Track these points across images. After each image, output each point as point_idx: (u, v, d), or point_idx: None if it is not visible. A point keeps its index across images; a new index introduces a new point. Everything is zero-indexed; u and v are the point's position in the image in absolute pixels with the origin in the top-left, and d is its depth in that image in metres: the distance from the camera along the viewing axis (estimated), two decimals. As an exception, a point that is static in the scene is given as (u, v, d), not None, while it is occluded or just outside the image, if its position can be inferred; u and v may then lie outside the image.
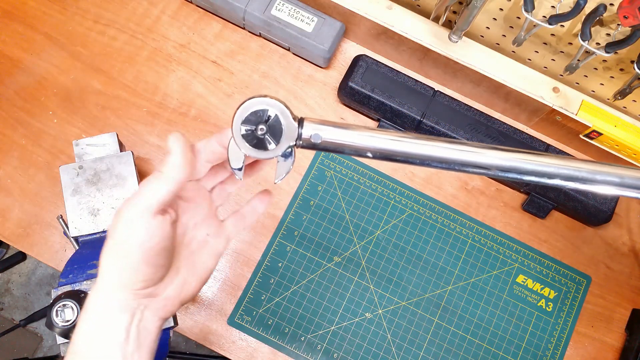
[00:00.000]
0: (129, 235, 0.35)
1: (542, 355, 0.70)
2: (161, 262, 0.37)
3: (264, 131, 0.35)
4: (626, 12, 0.54)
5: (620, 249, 0.75)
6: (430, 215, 0.73)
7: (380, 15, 0.70)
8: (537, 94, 0.69)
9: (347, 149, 0.36)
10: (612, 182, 0.36)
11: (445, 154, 0.35)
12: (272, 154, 0.36)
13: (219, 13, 0.76)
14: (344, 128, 0.36)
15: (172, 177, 0.36)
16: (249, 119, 0.35)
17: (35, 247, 0.68)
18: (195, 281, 0.40)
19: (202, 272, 0.41)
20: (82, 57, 0.74)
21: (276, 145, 0.35)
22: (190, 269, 0.40)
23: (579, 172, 0.35)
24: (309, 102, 0.76)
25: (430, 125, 0.71)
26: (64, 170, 0.61)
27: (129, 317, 0.36)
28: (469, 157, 0.35)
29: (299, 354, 0.67)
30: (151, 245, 0.36)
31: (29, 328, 1.43)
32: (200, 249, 0.41)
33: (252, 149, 0.36)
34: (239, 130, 0.35)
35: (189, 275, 0.40)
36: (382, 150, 0.36)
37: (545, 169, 0.35)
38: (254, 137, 0.35)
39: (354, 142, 0.36)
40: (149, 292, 0.37)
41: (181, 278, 0.39)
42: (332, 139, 0.36)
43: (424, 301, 0.70)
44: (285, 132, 0.35)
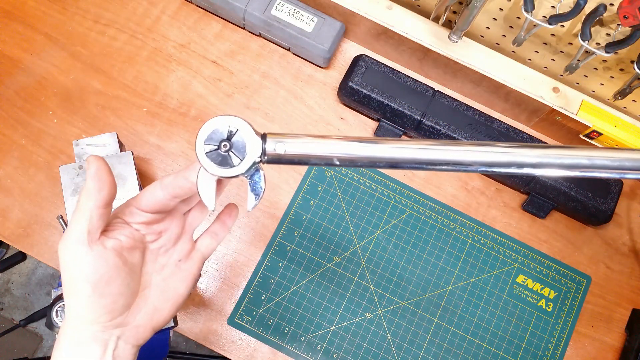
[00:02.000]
0: (72, 271, 0.35)
1: (542, 355, 0.70)
2: (117, 291, 0.36)
3: (228, 147, 0.36)
4: (626, 12, 0.54)
5: (620, 249, 0.75)
6: (430, 215, 0.73)
7: (380, 15, 0.70)
8: (537, 94, 0.69)
9: (312, 159, 0.36)
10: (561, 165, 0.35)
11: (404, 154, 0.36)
12: (237, 171, 0.36)
13: (219, 13, 0.76)
14: (307, 138, 0.36)
15: (87, 207, 0.35)
16: (211, 137, 0.36)
17: (35, 247, 0.68)
18: (167, 308, 0.40)
19: (175, 298, 0.41)
20: (82, 57, 0.75)
21: (241, 160, 0.36)
22: (160, 295, 0.40)
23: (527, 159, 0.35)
24: (309, 102, 0.76)
25: (430, 125, 0.71)
26: (64, 170, 0.61)
27: (101, 348, 0.36)
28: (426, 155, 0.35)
29: (299, 354, 0.67)
30: (97, 277, 0.35)
31: (29, 328, 1.43)
32: (172, 275, 0.41)
33: (217, 167, 0.36)
34: (202, 149, 0.36)
35: (159, 301, 0.40)
36: (346, 157, 0.36)
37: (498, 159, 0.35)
38: (218, 155, 0.36)
39: (318, 152, 0.36)
40: (118, 322, 0.37)
41: (151, 305, 0.39)
42: (295, 150, 0.36)
43: (424, 301, 0.70)
44: (248, 147, 0.36)
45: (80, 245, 0.35)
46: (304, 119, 0.75)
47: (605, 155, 0.35)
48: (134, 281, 0.38)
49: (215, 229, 0.44)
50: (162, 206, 0.39)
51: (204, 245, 0.43)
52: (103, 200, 0.36)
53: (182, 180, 0.38)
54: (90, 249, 0.35)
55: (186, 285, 0.41)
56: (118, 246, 0.37)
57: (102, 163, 0.36)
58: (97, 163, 0.36)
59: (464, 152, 0.35)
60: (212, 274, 0.69)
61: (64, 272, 0.35)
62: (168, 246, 0.41)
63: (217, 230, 0.44)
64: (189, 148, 0.73)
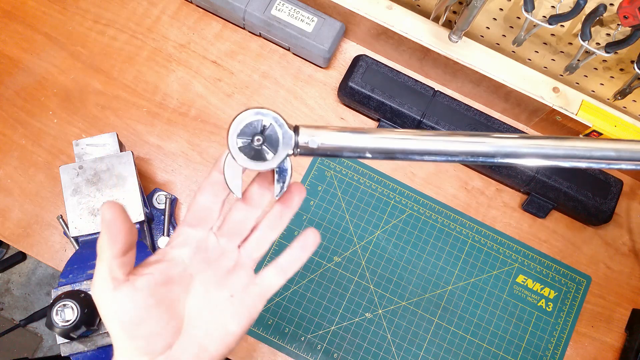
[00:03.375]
0: (103, 313, 0.34)
1: (542, 355, 0.70)
2: (151, 331, 0.35)
3: (261, 142, 0.35)
4: (626, 12, 0.54)
5: (620, 249, 0.75)
6: (430, 215, 0.73)
7: (380, 15, 0.70)
8: (537, 94, 0.69)
9: (345, 151, 0.36)
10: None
11: (444, 146, 0.35)
12: (271, 164, 0.35)
13: (219, 13, 0.76)
14: (339, 131, 0.36)
15: (105, 256, 0.34)
16: (244, 132, 0.35)
17: (35, 247, 0.68)
18: (215, 347, 0.36)
19: (224, 337, 0.37)
20: (82, 57, 0.75)
21: (274, 154, 0.35)
22: (208, 332, 0.37)
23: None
24: (309, 102, 0.76)
25: (430, 125, 0.71)
26: (64, 170, 0.61)
27: None
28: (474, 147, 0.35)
29: (299, 354, 0.67)
30: (127, 320, 0.34)
31: (29, 328, 1.43)
32: (223, 311, 0.37)
33: (250, 162, 0.35)
34: (235, 143, 0.35)
35: (206, 340, 0.36)
36: (380, 149, 0.35)
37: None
38: (251, 149, 0.35)
39: (351, 144, 0.35)
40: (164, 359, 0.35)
41: (196, 343, 0.36)
42: (329, 143, 0.35)
43: (424, 301, 0.70)
44: (281, 140, 0.35)
45: (105, 291, 0.34)
46: (304, 119, 0.75)
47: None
48: (174, 318, 0.36)
49: (284, 261, 0.39)
50: (208, 211, 0.38)
51: (267, 280, 0.39)
52: (119, 251, 0.34)
53: (216, 175, 0.38)
54: (116, 293, 0.34)
55: (238, 322, 0.37)
56: (151, 284, 0.35)
57: (117, 211, 0.33)
58: (111, 212, 0.33)
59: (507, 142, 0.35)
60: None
61: (100, 312, 0.35)
62: (219, 278, 0.38)
63: (286, 263, 0.39)
64: (189, 148, 0.73)
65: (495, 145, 0.35)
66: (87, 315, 0.51)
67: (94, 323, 0.53)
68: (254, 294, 0.38)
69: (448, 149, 0.35)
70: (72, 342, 0.55)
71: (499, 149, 0.35)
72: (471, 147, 0.35)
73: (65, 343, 0.55)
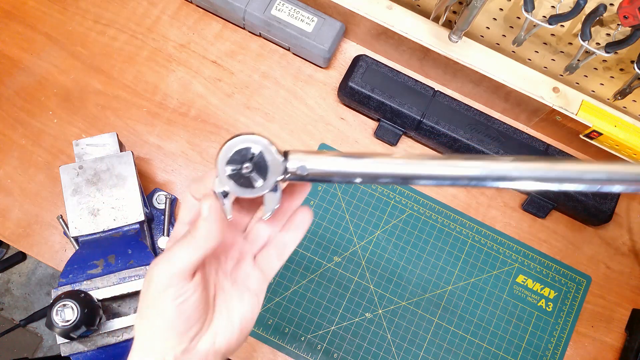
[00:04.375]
0: (162, 298, 0.35)
1: (542, 355, 0.70)
2: (195, 318, 0.36)
3: (250, 169, 0.35)
4: (626, 12, 0.54)
5: (620, 249, 0.75)
6: (430, 215, 0.73)
7: (380, 15, 0.70)
8: (537, 94, 0.69)
9: (336, 177, 0.35)
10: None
11: (435, 171, 0.35)
12: (259, 191, 0.35)
13: (219, 13, 0.76)
14: (331, 156, 0.35)
15: (207, 245, 0.35)
16: (233, 159, 0.35)
17: (35, 247, 0.68)
18: (228, 332, 0.39)
19: (237, 322, 0.39)
20: (82, 57, 0.75)
21: (263, 181, 0.35)
22: (221, 318, 0.39)
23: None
24: (309, 102, 0.76)
25: (430, 125, 0.71)
26: (64, 170, 0.61)
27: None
28: (458, 172, 0.35)
29: (299, 354, 0.67)
30: (185, 305, 0.35)
31: (29, 328, 1.43)
32: (230, 298, 0.39)
33: (239, 189, 0.35)
34: (224, 172, 0.35)
35: (221, 326, 0.38)
36: (370, 175, 0.35)
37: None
38: (240, 176, 0.35)
39: (342, 170, 0.35)
40: (182, 348, 0.36)
41: (211, 332, 0.38)
42: (319, 169, 0.35)
43: (424, 301, 0.70)
44: (270, 167, 0.35)
45: (179, 276, 0.35)
46: (304, 119, 0.75)
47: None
48: (206, 310, 0.38)
49: (279, 243, 0.41)
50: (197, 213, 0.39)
51: (266, 264, 0.40)
52: (218, 243, 0.36)
53: (202, 188, 0.38)
54: (185, 281, 0.35)
55: (246, 307, 0.39)
56: (205, 276, 0.37)
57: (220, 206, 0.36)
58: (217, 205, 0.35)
59: (508, 167, 0.35)
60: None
61: (150, 296, 0.35)
62: (227, 268, 0.40)
63: (281, 245, 0.41)
64: (189, 148, 0.73)
65: (487, 169, 0.35)
66: (87, 315, 0.51)
67: (94, 323, 0.53)
68: (254, 278, 0.40)
69: (440, 173, 0.35)
70: (72, 342, 0.55)
71: (490, 172, 0.35)
72: (463, 171, 0.35)
73: (65, 343, 0.55)
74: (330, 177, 0.36)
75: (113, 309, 0.58)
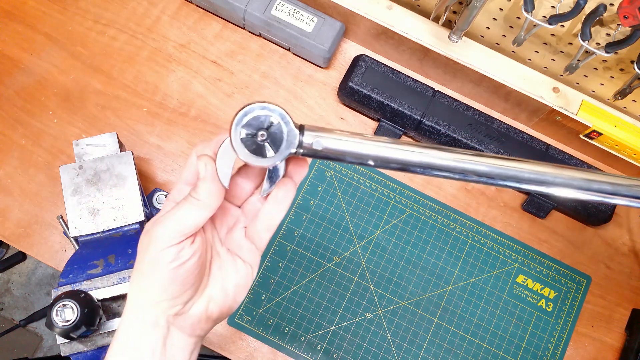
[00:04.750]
0: (159, 257, 0.35)
1: (542, 355, 0.70)
2: (191, 281, 0.37)
3: (264, 137, 0.34)
4: (626, 12, 0.54)
5: (620, 249, 0.75)
6: (430, 215, 0.73)
7: (380, 15, 0.70)
8: (537, 94, 0.69)
9: (349, 157, 0.35)
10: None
11: (448, 162, 0.35)
12: (271, 161, 0.35)
13: (219, 13, 0.76)
14: (345, 135, 0.35)
15: (209, 205, 0.36)
16: (249, 124, 0.34)
17: (35, 247, 0.68)
18: (221, 298, 0.39)
19: (230, 289, 0.39)
20: (82, 57, 0.75)
21: (275, 152, 0.35)
22: (215, 284, 0.39)
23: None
24: (309, 102, 0.76)
25: (430, 125, 0.71)
26: (64, 170, 0.61)
27: (156, 334, 0.36)
28: (473, 166, 0.35)
29: (299, 354, 0.67)
30: (180, 265, 0.35)
31: (29, 328, 1.43)
32: (226, 264, 0.40)
33: (249, 155, 0.35)
34: (237, 133, 0.34)
35: (214, 292, 0.39)
36: (384, 158, 0.35)
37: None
38: (253, 142, 0.35)
39: (356, 150, 0.35)
40: (176, 310, 0.37)
41: (206, 296, 0.38)
42: (333, 146, 0.35)
43: (424, 301, 0.70)
44: (286, 139, 0.35)
45: (180, 237, 0.35)
46: (304, 119, 0.75)
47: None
48: (202, 274, 0.38)
49: (265, 212, 0.40)
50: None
51: (256, 235, 0.40)
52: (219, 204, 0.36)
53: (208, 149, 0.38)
54: (189, 245, 0.35)
55: (241, 275, 0.40)
56: (204, 240, 0.37)
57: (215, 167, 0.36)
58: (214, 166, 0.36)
59: (498, 164, 0.35)
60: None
61: (149, 255, 0.35)
62: (223, 233, 0.41)
63: (268, 214, 0.40)
64: (189, 148, 0.73)
65: (499, 167, 0.35)
66: (87, 315, 0.51)
67: (94, 323, 0.53)
68: (246, 249, 0.41)
69: (453, 165, 0.35)
70: (72, 342, 0.55)
71: (502, 171, 0.35)
72: (474, 166, 0.35)
73: (65, 343, 0.55)
74: (344, 156, 0.35)
75: (113, 309, 0.58)
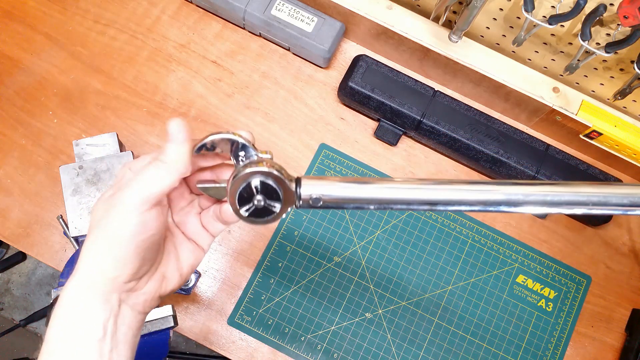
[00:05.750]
0: (123, 226, 0.33)
1: (542, 355, 0.70)
2: (150, 256, 0.36)
3: (262, 201, 0.35)
4: (626, 12, 0.54)
5: (620, 249, 0.75)
6: (430, 215, 0.73)
7: (380, 15, 0.70)
8: (537, 94, 0.69)
9: (349, 204, 0.35)
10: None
11: (450, 197, 0.35)
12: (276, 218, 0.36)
13: (219, 13, 0.76)
14: (342, 182, 0.35)
15: (176, 169, 0.34)
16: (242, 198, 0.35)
17: (35, 247, 0.68)
18: (175, 277, 0.39)
19: (184, 268, 0.39)
20: (82, 57, 0.75)
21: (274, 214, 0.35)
22: (170, 263, 0.39)
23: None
24: (309, 102, 0.76)
25: (430, 125, 0.71)
26: (64, 170, 0.61)
27: (106, 312, 0.34)
28: (474, 196, 0.35)
29: (299, 354, 0.67)
30: (145, 238, 0.34)
31: (29, 328, 1.43)
32: (181, 244, 0.40)
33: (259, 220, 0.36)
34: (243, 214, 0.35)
35: (168, 270, 0.38)
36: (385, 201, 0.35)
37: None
38: (256, 210, 0.35)
39: (356, 197, 0.35)
40: (130, 287, 0.35)
41: (160, 273, 0.38)
42: (332, 196, 0.35)
43: (424, 301, 0.70)
44: (283, 199, 0.35)
45: (146, 204, 0.33)
46: (304, 119, 0.75)
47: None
48: (161, 248, 0.37)
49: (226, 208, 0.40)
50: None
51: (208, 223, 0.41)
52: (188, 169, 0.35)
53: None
54: (151, 210, 0.34)
55: (195, 257, 0.40)
56: (164, 212, 0.36)
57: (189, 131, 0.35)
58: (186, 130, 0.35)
59: (512, 191, 0.35)
60: (212, 274, 0.69)
61: (110, 222, 0.33)
62: (180, 212, 0.40)
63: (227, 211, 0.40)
64: (189, 148, 0.73)
65: (505, 193, 0.35)
66: (87, 315, 0.51)
67: (94, 323, 0.53)
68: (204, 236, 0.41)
69: (456, 198, 0.35)
70: (72, 342, 0.55)
71: (509, 197, 0.35)
72: (481, 195, 0.35)
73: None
74: (343, 204, 0.35)
75: (113, 309, 0.58)
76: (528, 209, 0.35)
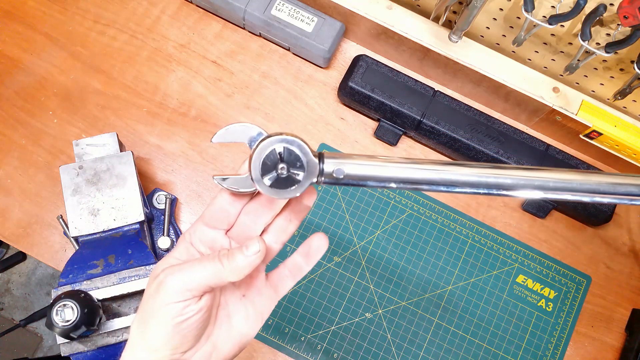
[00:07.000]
0: (165, 311, 0.34)
1: (542, 355, 0.70)
2: (193, 335, 0.36)
3: (285, 170, 0.34)
4: (626, 12, 0.54)
5: (620, 249, 0.75)
6: (430, 215, 0.73)
7: (380, 15, 0.70)
8: (537, 94, 0.69)
9: (370, 182, 0.35)
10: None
11: (472, 178, 0.35)
12: (293, 193, 0.35)
13: (219, 13, 0.76)
14: (365, 160, 0.35)
15: (229, 279, 0.34)
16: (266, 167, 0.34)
17: (35, 247, 0.68)
18: (227, 348, 0.38)
19: (236, 338, 0.38)
20: (82, 57, 0.75)
21: (297, 184, 0.35)
22: (221, 333, 0.38)
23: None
24: (309, 102, 0.76)
25: (430, 125, 0.71)
26: (64, 170, 0.61)
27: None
28: (491, 180, 0.35)
29: (299, 354, 0.67)
30: (186, 322, 0.34)
31: (29, 328, 1.43)
32: (235, 312, 0.38)
33: (272, 190, 0.35)
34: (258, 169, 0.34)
35: (220, 340, 0.37)
36: (406, 180, 0.35)
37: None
38: (279, 180, 0.34)
39: (377, 174, 0.35)
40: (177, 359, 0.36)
41: (210, 344, 0.37)
42: (355, 172, 0.35)
43: (424, 301, 0.70)
44: (306, 169, 0.34)
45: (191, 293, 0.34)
46: (304, 119, 0.75)
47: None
48: (207, 325, 0.37)
49: (294, 262, 0.39)
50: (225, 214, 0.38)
51: (278, 282, 0.39)
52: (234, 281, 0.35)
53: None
54: (196, 302, 0.34)
55: (250, 324, 0.38)
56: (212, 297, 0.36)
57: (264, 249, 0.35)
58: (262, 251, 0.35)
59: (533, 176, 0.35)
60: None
61: (155, 302, 0.34)
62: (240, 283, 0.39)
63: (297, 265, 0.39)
64: (189, 148, 0.73)
65: (520, 178, 0.35)
66: (87, 315, 0.51)
67: (94, 323, 0.53)
68: (265, 296, 0.39)
69: (475, 180, 0.35)
70: (72, 342, 0.55)
71: (527, 182, 0.35)
72: (497, 180, 0.35)
73: (65, 343, 0.55)
74: (365, 182, 0.35)
75: (113, 309, 0.58)
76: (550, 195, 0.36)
